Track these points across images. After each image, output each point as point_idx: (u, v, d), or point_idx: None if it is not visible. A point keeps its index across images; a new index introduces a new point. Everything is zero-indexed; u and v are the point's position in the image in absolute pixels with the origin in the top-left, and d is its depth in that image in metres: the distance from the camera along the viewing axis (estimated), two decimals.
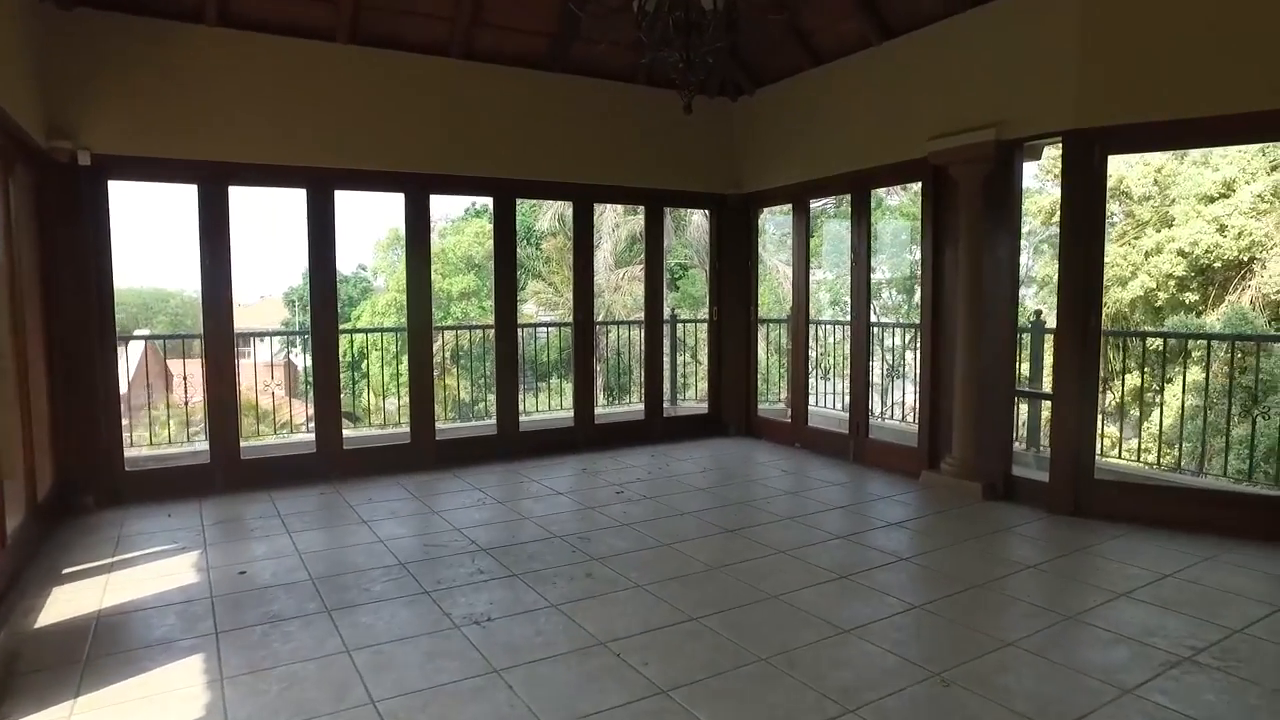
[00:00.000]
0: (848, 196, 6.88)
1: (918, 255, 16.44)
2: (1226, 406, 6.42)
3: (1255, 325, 8.92)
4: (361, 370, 15.05)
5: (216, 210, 5.70)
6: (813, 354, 10.34)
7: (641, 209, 7.85)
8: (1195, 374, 8.28)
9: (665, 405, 9.18)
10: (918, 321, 6.38)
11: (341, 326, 6.81)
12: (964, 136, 5.43)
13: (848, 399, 7.12)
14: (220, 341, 5.80)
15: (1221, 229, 9.59)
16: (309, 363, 6.28)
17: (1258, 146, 10.12)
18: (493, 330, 6.94)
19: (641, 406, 7.91)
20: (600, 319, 18.43)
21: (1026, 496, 5.34)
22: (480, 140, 6.61)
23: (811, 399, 8.99)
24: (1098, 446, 5.18)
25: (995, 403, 5.48)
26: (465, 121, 6.54)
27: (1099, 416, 5.19)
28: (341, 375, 6.45)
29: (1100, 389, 5.16)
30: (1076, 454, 5.02)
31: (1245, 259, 9.48)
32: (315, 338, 6.20)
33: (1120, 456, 6.35)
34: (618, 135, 7.24)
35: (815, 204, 16.42)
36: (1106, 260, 5.13)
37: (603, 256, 19.07)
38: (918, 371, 6.30)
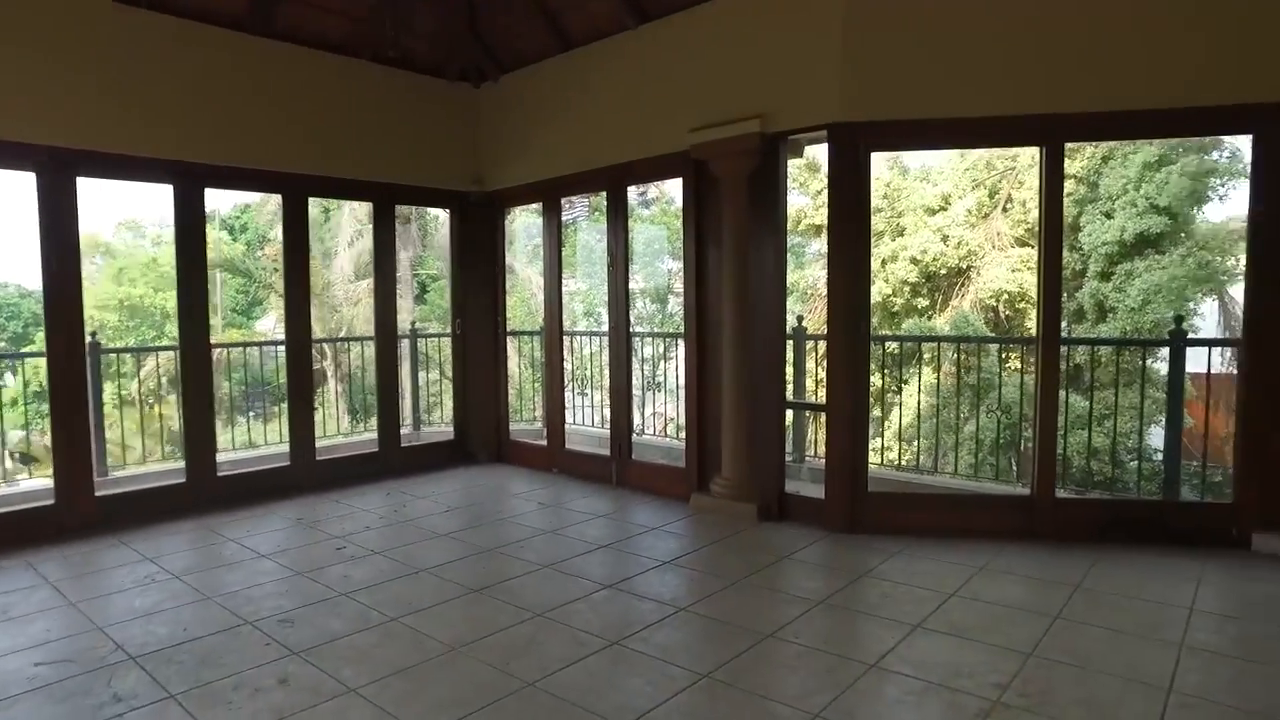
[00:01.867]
0: (604, 198, 6.28)
1: (671, 265, 16.52)
2: (976, 404, 6.62)
3: (976, 327, 9.64)
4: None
5: None
6: (569, 368, 9.76)
7: (384, 212, 6.69)
8: (929, 376, 8.71)
9: (408, 431, 8.17)
10: (679, 330, 5.92)
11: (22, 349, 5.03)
12: (727, 128, 5.02)
13: (609, 415, 6.53)
14: None
15: (944, 239, 10.35)
16: None
17: (966, 167, 11.09)
18: (213, 352, 5.50)
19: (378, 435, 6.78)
20: (343, 334, 16.67)
21: (802, 515, 5.01)
22: (156, 113, 5.20)
23: (570, 416, 8.36)
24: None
25: (766, 416, 5.11)
26: (133, 87, 5.10)
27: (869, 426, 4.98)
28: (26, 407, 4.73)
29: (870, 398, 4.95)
30: (851, 468, 4.75)
31: (964, 266, 10.30)
32: None
33: (882, 463, 6.31)
34: (340, 119, 6.12)
35: (567, 214, 16.03)
36: None
37: (340, 266, 17.28)
38: (681, 384, 5.84)
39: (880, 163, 11.30)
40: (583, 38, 6.11)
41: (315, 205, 18.03)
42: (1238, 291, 10.18)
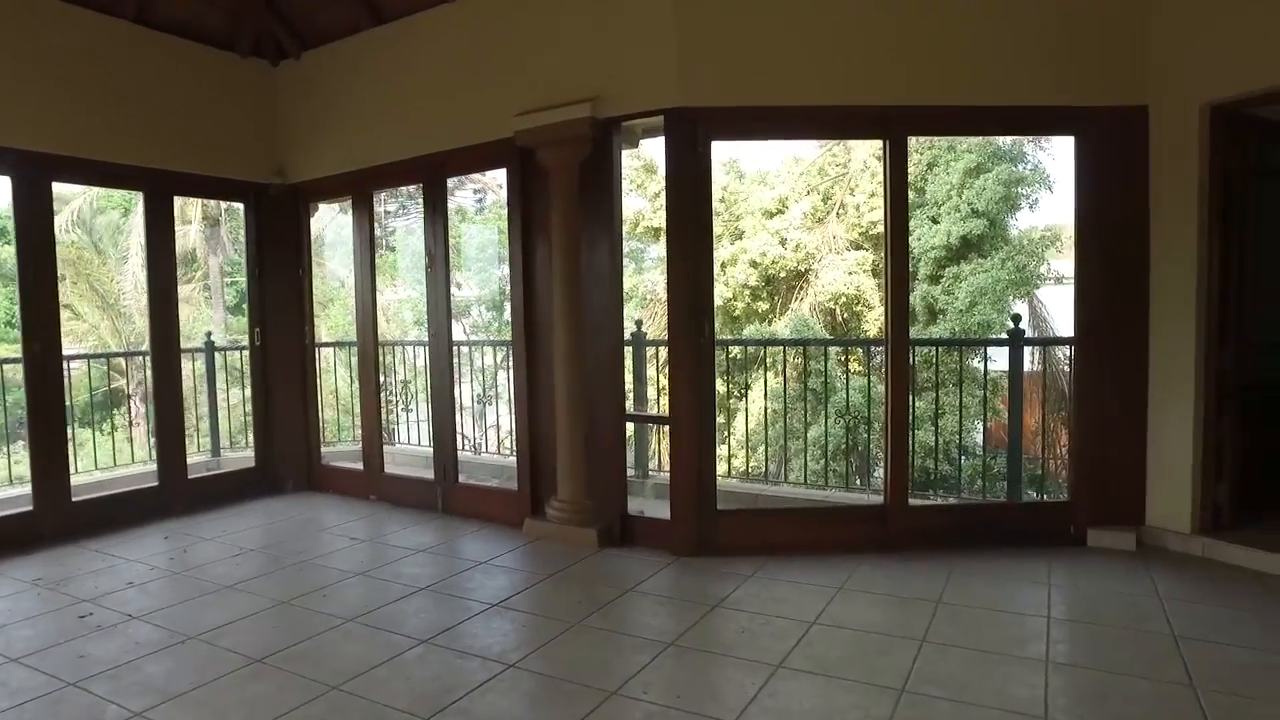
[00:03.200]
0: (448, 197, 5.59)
1: (508, 270, 15.84)
2: (822, 408, 6.46)
3: (816, 330, 9.68)
4: None
5: None
6: (399, 381, 8.94)
7: (159, 204, 5.63)
8: (773, 381, 8.60)
9: (207, 459, 7.16)
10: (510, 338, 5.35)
11: None
12: (556, 112, 4.52)
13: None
14: None
15: (783, 241, 10.36)
16: None
17: (800, 172, 11.21)
18: None
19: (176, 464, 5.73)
20: (145, 347, 14.77)
21: (647, 538, 4.57)
22: None
23: (404, 434, 7.66)
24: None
25: (604, 430, 4.65)
26: None
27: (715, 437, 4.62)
28: None
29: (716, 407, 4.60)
30: (698, 485, 4.36)
31: (803, 270, 10.36)
32: None
33: (729, 472, 6.03)
34: (101, 92, 5.11)
35: (402, 219, 14.98)
36: None
37: (132, 273, 15.34)
38: (512, 397, 5.28)
39: (717, 165, 11.22)
40: (396, 10, 5.43)
41: (117, 202, 16.00)
42: (1044, 294, 10.86)
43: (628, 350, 5.61)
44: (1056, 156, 10.77)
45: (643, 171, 11.08)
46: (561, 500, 4.70)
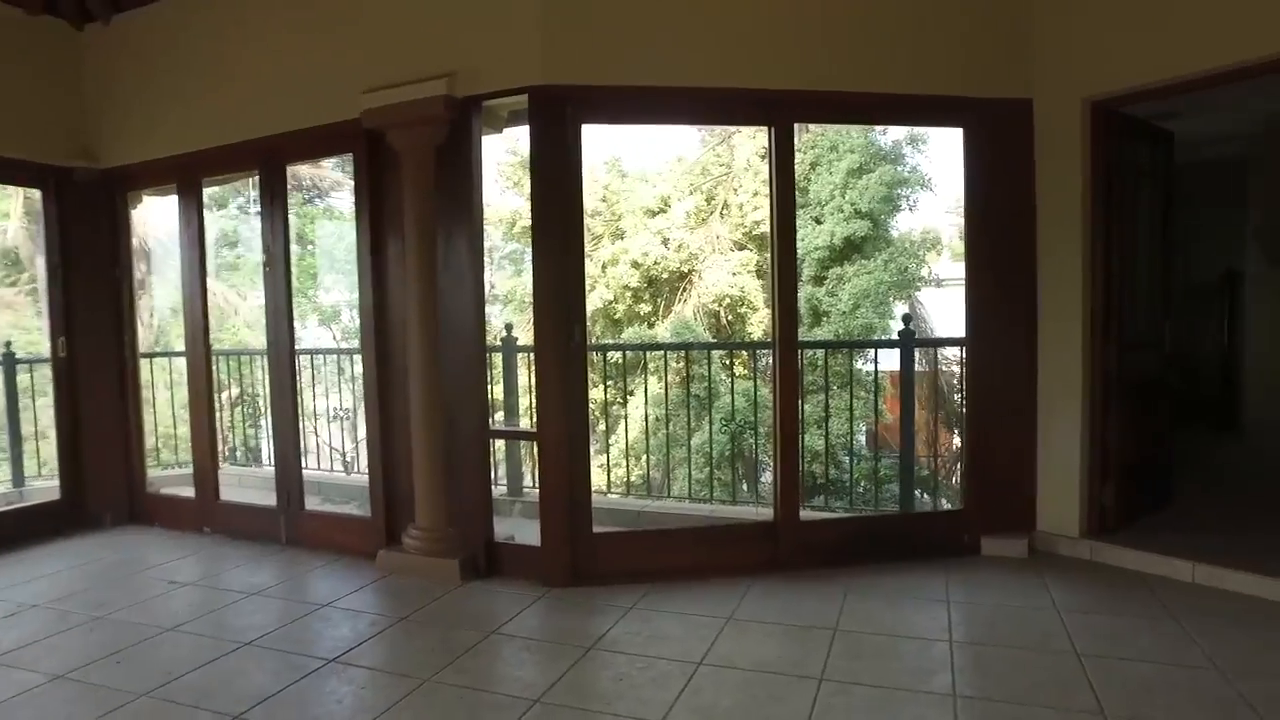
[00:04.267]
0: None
1: None
2: (706, 415, 6.12)
3: (698, 333, 9.40)
4: None
5: None
6: (249, 394, 8.09)
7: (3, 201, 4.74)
8: (655, 387, 8.25)
9: (6, 490, 6.20)
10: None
11: None
12: (407, 90, 3.97)
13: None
14: None
15: (665, 241, 10.04)
16: None
17: (684, 171, 10.93)
18: None
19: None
20: None
21: (516, 567, 4.07)
22: None
23: (265, 455, 6.84)
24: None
25: (466, 448, 4.12)
26: None
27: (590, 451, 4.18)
28: None
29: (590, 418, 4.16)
30: (570, 507, 3.90)
31: (686, 270, 10.06)
32: None
33: (609, 486, 5.60)
34: None
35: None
36: None
37: None
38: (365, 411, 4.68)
39: (597, 160, 10.81)
40: None
41: None
42: (924, 296, 10.98)
43: (497, 358, 5.13)
44: (933, 158, 10.94)
45: (520, 168, 10.54)
46: (419, 528, 4.14)
